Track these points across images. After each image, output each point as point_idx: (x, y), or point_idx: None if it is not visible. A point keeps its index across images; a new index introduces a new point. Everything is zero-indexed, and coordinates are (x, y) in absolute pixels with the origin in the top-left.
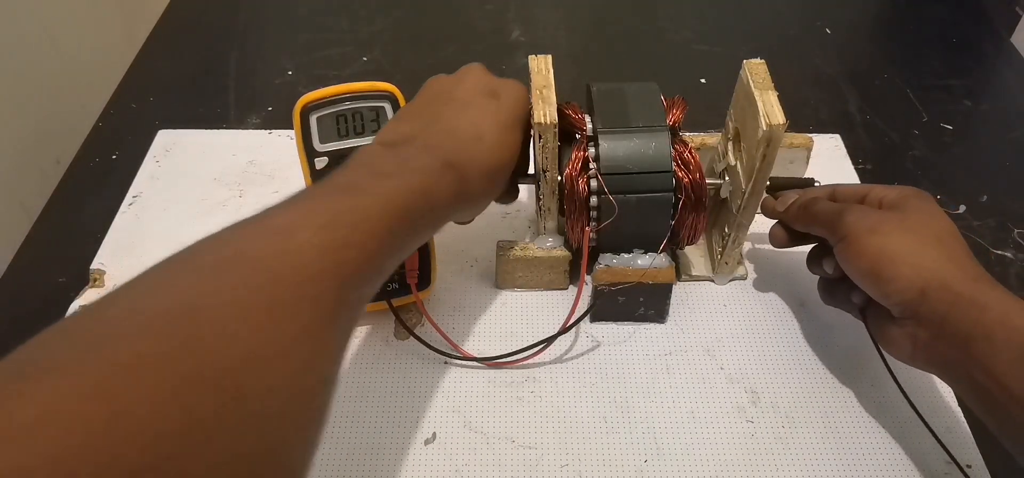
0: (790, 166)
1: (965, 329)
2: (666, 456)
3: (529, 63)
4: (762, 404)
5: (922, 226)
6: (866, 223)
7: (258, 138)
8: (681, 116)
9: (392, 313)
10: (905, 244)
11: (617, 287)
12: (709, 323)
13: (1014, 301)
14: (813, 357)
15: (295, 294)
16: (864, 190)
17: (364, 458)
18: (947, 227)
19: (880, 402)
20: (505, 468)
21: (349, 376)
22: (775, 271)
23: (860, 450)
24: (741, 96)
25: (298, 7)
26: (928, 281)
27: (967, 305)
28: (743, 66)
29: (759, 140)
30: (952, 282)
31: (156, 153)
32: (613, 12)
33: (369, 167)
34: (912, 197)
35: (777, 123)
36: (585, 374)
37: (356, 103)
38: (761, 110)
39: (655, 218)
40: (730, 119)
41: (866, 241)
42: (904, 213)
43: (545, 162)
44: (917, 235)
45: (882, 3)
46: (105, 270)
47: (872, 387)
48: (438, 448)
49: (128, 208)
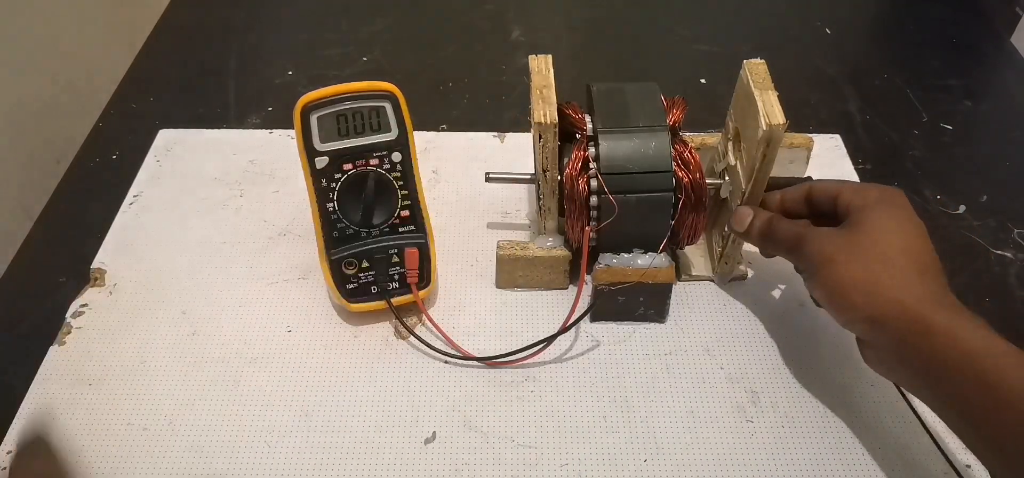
0: (790, 166)
1: (920, 354)
2: (666, 455)
3: (529, 63)
4: (762, 404)
5: (873, 246)
6: (822, 253)
7: (258, 137)
8: (681, 116)
9: (392, 313)
10: (857, 273)
11: (617, 287)
12: (709, 323)
13: (962, 321)
14: (813, 357)
15: None
16: (835, 191)
17: (364, 457)
18: (900, 244)
19: (879, 402)
20: (505, 467)
21: (349, 376)
22: (775, 271)
23: (859, 450)
24: (741, 96)
25: (298, 7)
26: (879, 309)
27: (919, 331)
28: (743, 66)
29: (759, 140)
30: (902, 308)
31: (157, 152)
32: (613, 12)
33: None
34: (872, 207)
35: (777, 123)
36: (585, 373)
37: (356, 103)
38: (761, 110)
39: (655, 218)
40: (730, 119)
41: (822, 274)
42: (859, 231)
43: (545, 162)
44: (869, 258)
45: (882, 3)
46: (106, 269)
47: (871, 387)
48: (438, 447)
49: (129, 207)
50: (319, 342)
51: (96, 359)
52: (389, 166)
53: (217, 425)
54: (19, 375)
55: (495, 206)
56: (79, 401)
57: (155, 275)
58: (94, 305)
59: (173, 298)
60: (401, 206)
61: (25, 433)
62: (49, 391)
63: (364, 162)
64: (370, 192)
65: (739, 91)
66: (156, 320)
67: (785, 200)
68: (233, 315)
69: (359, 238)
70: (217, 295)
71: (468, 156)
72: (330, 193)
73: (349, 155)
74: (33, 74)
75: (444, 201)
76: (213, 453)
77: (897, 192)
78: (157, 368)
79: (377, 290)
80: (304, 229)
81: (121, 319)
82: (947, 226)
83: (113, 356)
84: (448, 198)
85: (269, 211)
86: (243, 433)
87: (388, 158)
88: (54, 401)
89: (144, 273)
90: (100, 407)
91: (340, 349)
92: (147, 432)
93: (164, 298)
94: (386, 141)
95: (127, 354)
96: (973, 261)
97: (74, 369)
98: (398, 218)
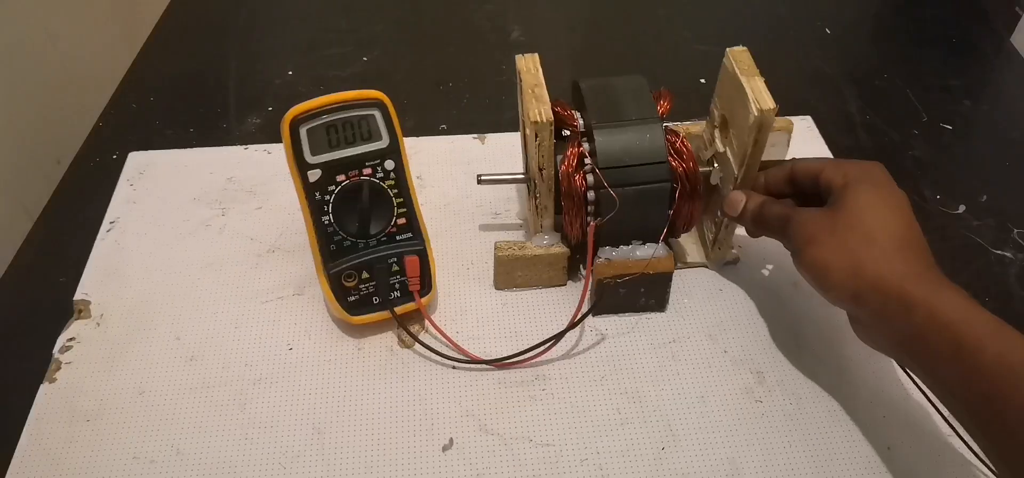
0: (772, 149)
1: (902, 328)
2: (682, 442)
3: (516, 63)
4: (768, 383)
5: (855, 224)
6: (805, 233)
7: (234, 154)
8: (669, 107)
9: (396, 322)
10: (838, 251)
11: (621, 279)
12: (708, 308)
13: (942, 293)
14: (812, 334)
15: None
16: (818, 168)
17: (384, 471)
18: (880, 220)
19: (880, 373)
20: (526, 468)
21: (358, 390)
22: (765, 253)
23: (866, 422)
24: (726, 83)
25: (298, 7)
26: (859, 286)
27: (900, 305)
28: (726, 54)
29: (750, 125)
30: (882, 283)
31: (129, 176)
32: (613, 12)
33: None
34: (853, 185)
35: (768, 108)
36: (594, 367)
37: (345, 113)
38: (751, 96)
39: (654, 209)
40: (715, 107)
41: (806, 254)
42: (841, 210)
43: (542, 160)
44: (850, 235)
45: (882, 3)
46: (90, 300)
47: (870, 358)
48: (457, 454)
49: (107, 234)
50: (322, 357)
51: (91, 393)
52: (383, 174)
53: (228, 450)
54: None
55: (484, 208)
56: (78, 438)
57: (142, 302)
58: (82, 338)
59: (164, 324)
60: (397, 214)
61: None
62: (44, 431)
63: (357, 172)
64: (366, 202)
65: (723, 79)
66: (149, 348)
67: (768, 182)
68: (230, 337)
69: (357, 249)
70: (210, 318)
71: (450, 160)
72: (325, 206)
73: (342, 166)
74: (33, 74)
75: (432, 206)
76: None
77: (876, 166)
78: (157, 397)
79: (379, 300)
80: (293, 244)
81: (112, 350)
82: (947, 226)
83: (108, 389)
84: (436, 203)
85: (255, 228)
86: (256, 456)
87: (381, 166)
88: (51, 441)
89: (131, 301)
90: (102, 443)
91: (345, 363)
92: (155, 464)
93: (155, 325)
94: (378, 149)
95: (123, 385)
96: (973, 261)
97: (69, 405)
98: (395, 226)
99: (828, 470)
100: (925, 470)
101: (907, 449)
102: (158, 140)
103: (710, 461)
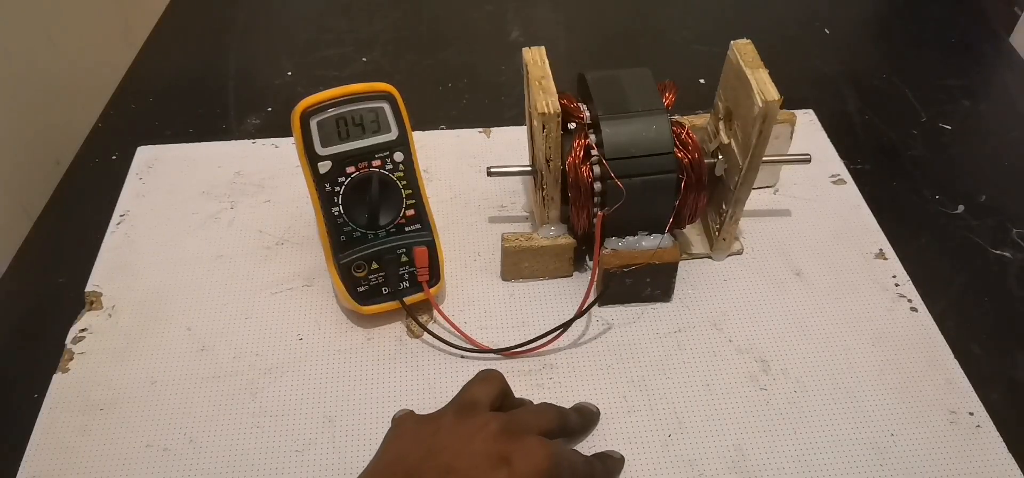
0: (775, 142)
1: None
2: (688, 429)
3: (523, 55)
4: (772, 371)
5: None
6: None
7: (242, 148)
8: (673, 99)
9: (405, 312)
10: None
11: (627, 270)
12: (712, 298)
13: None
14: (814, 322)
15: None
16: None
17: None
18: None
19: (882, 359)
20: None
21: (369, 379)
22: (769, 244)
23: (869, 407)
24: (731, 76)
25: (298, 7)
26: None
27: None
28: (731, 47)
29: (755, 116)
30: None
31: (138, 170)
32: (612, 12)
33: None
34: None
35: (772, 99)
36: (600, 357)
37: (355, 105)
38: (755, 88)
39: (660, 199)
40: (719, 99)
41: None
42: None
43: (549, 151)
44: None
45: (882, 3)
46: (101, 291)
47: (872, 346)
48: None
49: (117, 227)
50: (332, 347)
51: (104, 383)
52: (392, 166)
53: (241, 439)
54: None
55: (490, 200)
56: (92, 427)
57: (153, 294)
58: (94, 329)
59: (175, 315)
60: (406, 205)
61: (40, 465)
62: (58, 420)
63: (367, 164)
64: (375, 193)
65: (728, 71)
66: (161, 339)
67: None
68: (241, 327)
69: (366, 240)
70: (221, 309)
71: (457, 153)
72: (334, 197)
73: (351, 158)
74: (33, 75)
75: (439, 198)
76: (241, 467)
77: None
78: (170, 387)
79: (388, 291)
80: (302, 237)
81: (124, 341)
82: (946, 226)
83: (121, 379)
84: (443, 195)
85: (264, 221)
86: (269, 444)
87: (390, 158)
88: (65, 430)
89: (142, 293)
90: (116, 432)
91: (355, 352)
92: (169, 453)
93: (166, 316)
94: (387, 141)
95: (136, 376)
96: (972, 261)
97: (82, 395)
98: (404, 217)
99: (832, 456)
100: (927, 456)
101: (910, 435)
102: (158, 141)
103: (716, 448)
